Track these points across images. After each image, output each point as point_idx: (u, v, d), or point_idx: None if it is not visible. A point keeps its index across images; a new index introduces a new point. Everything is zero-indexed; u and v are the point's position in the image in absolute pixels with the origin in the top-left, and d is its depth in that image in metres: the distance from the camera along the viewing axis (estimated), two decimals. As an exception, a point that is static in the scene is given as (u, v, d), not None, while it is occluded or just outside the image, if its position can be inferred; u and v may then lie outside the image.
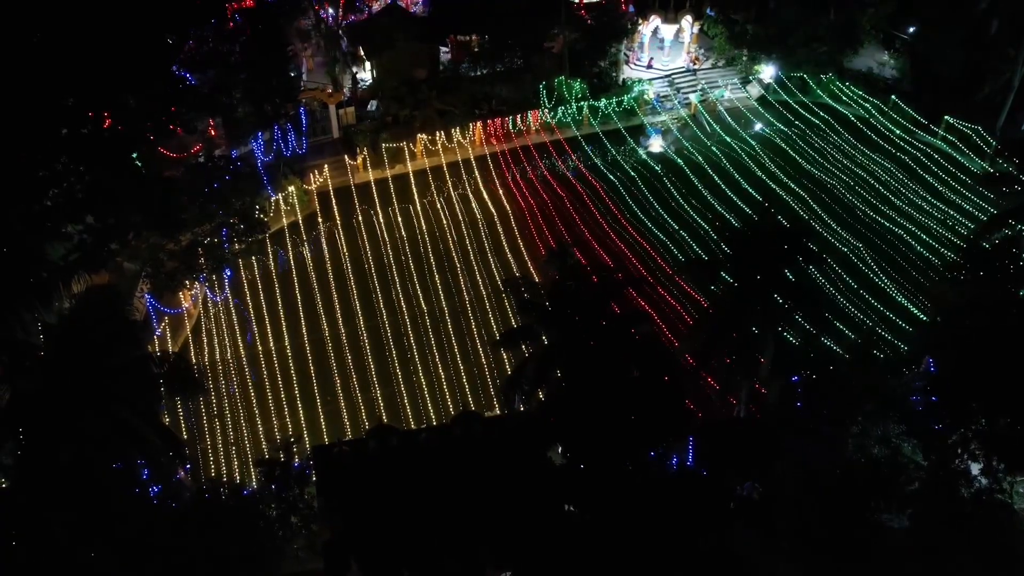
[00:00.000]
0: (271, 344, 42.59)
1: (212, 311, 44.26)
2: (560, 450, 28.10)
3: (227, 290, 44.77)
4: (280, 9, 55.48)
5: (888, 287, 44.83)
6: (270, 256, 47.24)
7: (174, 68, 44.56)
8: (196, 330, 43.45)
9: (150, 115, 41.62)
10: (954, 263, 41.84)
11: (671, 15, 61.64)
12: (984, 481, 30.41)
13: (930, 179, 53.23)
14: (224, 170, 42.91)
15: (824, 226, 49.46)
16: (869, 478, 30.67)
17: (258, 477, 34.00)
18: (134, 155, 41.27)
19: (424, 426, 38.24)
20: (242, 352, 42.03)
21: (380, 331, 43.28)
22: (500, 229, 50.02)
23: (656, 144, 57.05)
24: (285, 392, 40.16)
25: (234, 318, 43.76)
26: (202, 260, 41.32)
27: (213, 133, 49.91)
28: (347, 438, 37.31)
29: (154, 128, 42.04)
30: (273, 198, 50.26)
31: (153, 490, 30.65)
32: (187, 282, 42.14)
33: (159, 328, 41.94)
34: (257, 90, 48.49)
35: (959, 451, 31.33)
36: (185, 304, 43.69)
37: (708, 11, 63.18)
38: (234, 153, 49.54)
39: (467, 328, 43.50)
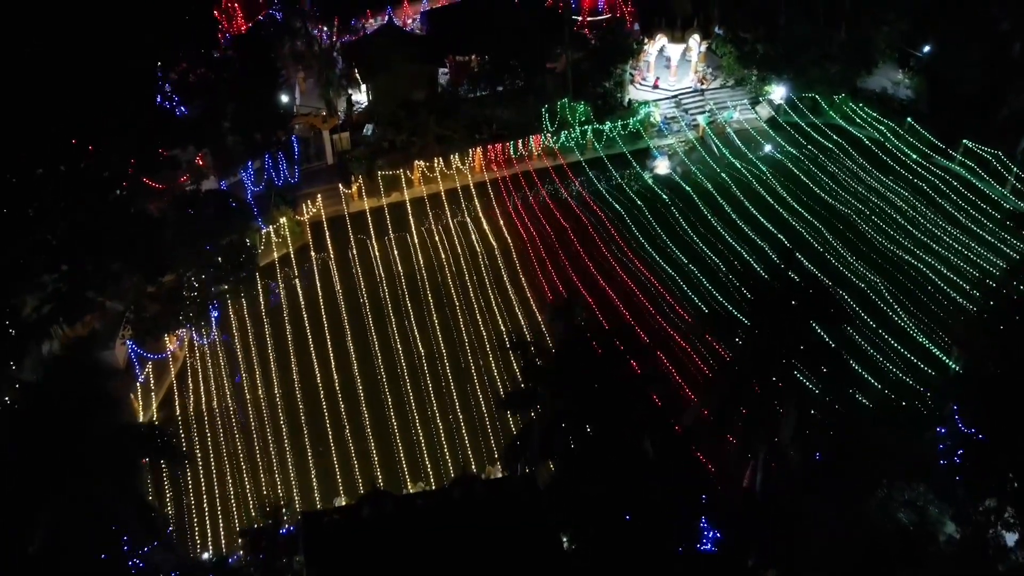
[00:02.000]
0: (260, 392, 40.44)
1: (199, 353, 42.17)
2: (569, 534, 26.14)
3: (214, 332, 42.62)
4: (273, 34, 53.28)
5: (908, 326, 42.73)
6: (260, 292, 45.10)
7: (159, 100, 42.37)
8: (181, 375, 41.35)
9: (135, 152, 39.52)
10: (981, 307, 39.48)
11: (678, 34, 59.31)
12: (1021, 555, 28.43)
13: (948, 207, 51.15)
14: (212, 207, 40.76)
15: (837, 257, 47.44)
16: (896, 545, 28.88)
17: (244, 547, 32.00)
18: (117, 192, 39.28)
19: (421, 483, 36.34)
20: (230, 401, 39.91)
21: (376, 376, 41.11)
22: (501, 261, 47.99)
23: (662, 166, 55.06)
24: (275, 445, 38.10)
25: (222, 362, 41.66)
26: (188, 304, 39.06)
27: (201, 163, 47.77)
28: (339, 498, 35.36)
29: (137, 165, 39.93)
30: (264, 230, 48.19)
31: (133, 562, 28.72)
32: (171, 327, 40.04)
33: (142, 375, 39.89)
34: (247, 118, 46.35)
35: (992, 519, 29.45)
36: (170, 347, 41.59)
37: (716, 29, 60.87)
38: (223, 184, 47.47)
39: (467, 373, 41.38)
